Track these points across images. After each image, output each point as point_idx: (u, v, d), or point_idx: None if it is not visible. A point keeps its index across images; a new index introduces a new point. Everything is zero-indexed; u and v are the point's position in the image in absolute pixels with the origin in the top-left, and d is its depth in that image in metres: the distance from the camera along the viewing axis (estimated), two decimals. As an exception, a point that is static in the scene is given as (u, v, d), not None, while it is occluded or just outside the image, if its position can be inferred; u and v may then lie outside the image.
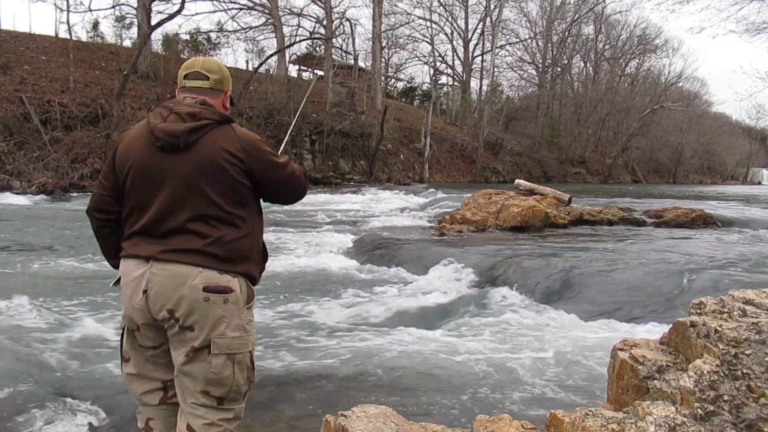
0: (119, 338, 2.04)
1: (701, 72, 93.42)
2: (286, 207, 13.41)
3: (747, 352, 1.66)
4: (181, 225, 1.82)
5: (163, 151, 1.82)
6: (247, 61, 36.98)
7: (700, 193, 22.38)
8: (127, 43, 29.42)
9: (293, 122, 4.23)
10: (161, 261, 1.80)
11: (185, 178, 1.82)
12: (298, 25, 33.62)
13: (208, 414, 1.83)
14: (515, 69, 48.74)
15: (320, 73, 36.52)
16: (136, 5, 23.98)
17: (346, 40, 38.49)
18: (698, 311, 1.93)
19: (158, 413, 1.99)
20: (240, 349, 1.85)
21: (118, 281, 1.93)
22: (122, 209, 1.94)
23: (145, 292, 1.81)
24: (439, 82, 47.02)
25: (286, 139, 3.77)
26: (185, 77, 1.97)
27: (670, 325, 1.95)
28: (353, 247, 8.10)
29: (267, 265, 2.09)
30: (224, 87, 2.00)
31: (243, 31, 31.61)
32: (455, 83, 46.79)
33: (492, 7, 38.96)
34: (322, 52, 34.67)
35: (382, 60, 39.89)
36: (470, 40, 42.63)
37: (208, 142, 1.84)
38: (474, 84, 44.62)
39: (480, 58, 43.18)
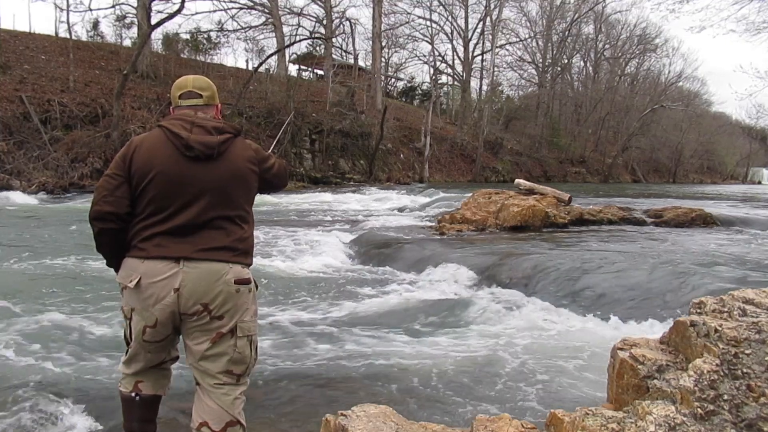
0: (123, 334, 2.18)
1: (701, 71, 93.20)
2: (289, 207, 14.76)
3: (747, 351, 1.66)
4: (209, 225, 2.01)
5: (197, 160, 2.01)
6: (247, 61, 37.12)
7: (700, 193, 22.37)
8: (127, 42, 29.51)
9: (284, 127, 4.43)
10: (194, 260, 1.96)
11: (217, 183, 2.02)
12: (298, 25, 33.59)
13: (231, 391, 2.05)
14: (515, 69, 48.76)
15: (320, 72, 36.53)
16: (136, 5, 23.99)
17: (346, 39, 38.47)
18: (698, 311, 1.93)
19: (147, 374, 2.20)
20: (254, 331, 2.11)
21: (137, 282, 1.97)
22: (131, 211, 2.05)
23: (176, 290, 1.94)
24: (439, 81, 47.02)
25: (274, 143, 4.05)
26: (180, 97, 2.14)
27: (670, 325, 1.95)
28: (352, 247, 8.09)
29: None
30: (215, 101, 2.20)
31: (243, 30, 31.64)
32: (455, 83, 46.78)
33: (492, 6, 38.96)
34: (322, 51, 34.66)
35: (382, 59, 39.91)
36: (470, 39, 42.61)
37: (233, 152, 2.08)
38: (474, 83, 44.63)
39: (480, 57, 43.18)
